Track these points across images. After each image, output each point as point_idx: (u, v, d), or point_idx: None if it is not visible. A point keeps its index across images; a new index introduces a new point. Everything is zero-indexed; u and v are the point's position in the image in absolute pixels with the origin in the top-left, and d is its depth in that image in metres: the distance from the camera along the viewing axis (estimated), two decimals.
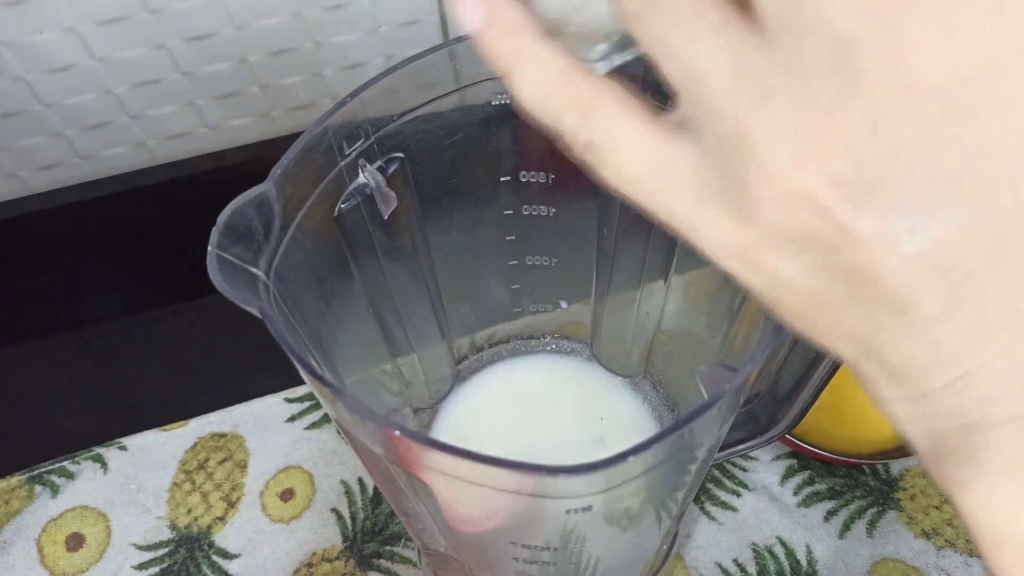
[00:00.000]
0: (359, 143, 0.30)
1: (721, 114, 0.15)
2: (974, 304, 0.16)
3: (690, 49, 0.15)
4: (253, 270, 0.25)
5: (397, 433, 0.20)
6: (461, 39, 0.31)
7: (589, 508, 0.22)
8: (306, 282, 0.30)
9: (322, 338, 0.32)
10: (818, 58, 0.14)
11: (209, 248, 0.24)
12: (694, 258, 0.37)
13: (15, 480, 0.50)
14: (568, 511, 0.22)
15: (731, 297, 0.35)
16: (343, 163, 0.30)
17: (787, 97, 0.15)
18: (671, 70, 0.16)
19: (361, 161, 0.30)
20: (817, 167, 0.15)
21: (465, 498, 0.25)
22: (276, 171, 0.26)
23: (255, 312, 0.23)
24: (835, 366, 0.34)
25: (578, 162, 0.18)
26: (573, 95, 0.17)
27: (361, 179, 0.31)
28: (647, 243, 0.38)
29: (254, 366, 0.55)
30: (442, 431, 0.45)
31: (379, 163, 0.31)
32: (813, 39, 0.14)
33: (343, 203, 0.30)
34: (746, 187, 0.16)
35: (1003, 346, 0.16)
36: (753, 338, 0.32)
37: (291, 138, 0.62)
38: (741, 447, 0.39)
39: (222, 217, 0.25)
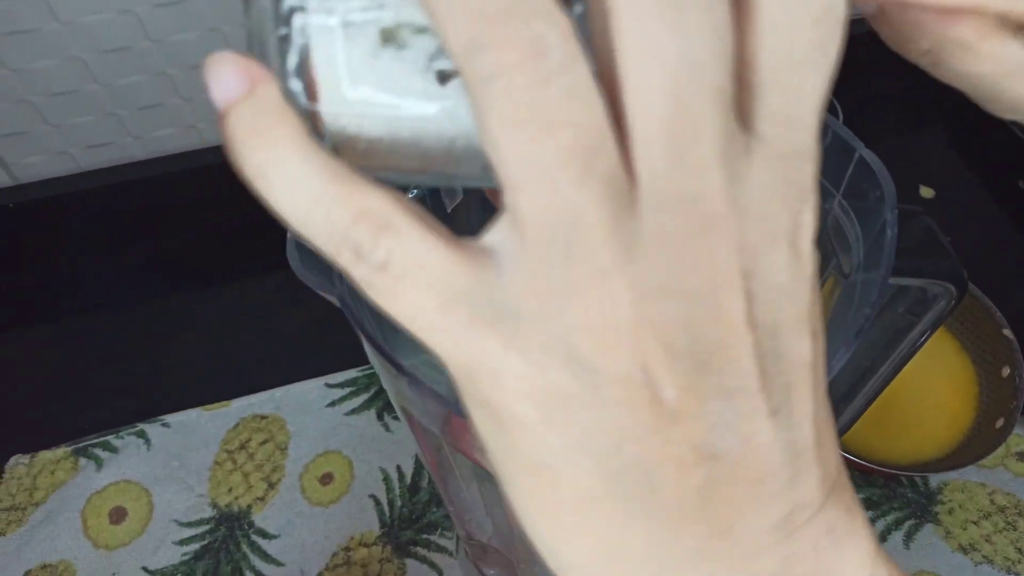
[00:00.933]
0: None
1: (582, 260, 0.14)
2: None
3: (571, 192, 0.13)
4: None
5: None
6: None
7: None
8: None
9: (383, 323, 0.33)
10: (686, 227, 0.14)
11: (288, 235, 0.24)
12: None
13: (61, 452, 0.51)
14: None
15: None
16: None
17: (656, 260, 0.14)
18: (530, 203, 0.14)
19: None
20: (668, 336, 0.14)
21: None
22: None
23: (334, 300, 0.24)
24: (888, 378, 0.34)
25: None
26: (361, 203, 0.14)
27: None
28: None
29: (297, 350, 0.55)
30: None
31: None
32: (683, 209, 0.14)
33: (411, 195, 0.31)
34: (586, 336, 0.14)
35: None
36: None
37: None
38: None
39: None
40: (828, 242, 0.30)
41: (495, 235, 0.14)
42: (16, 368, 0.56)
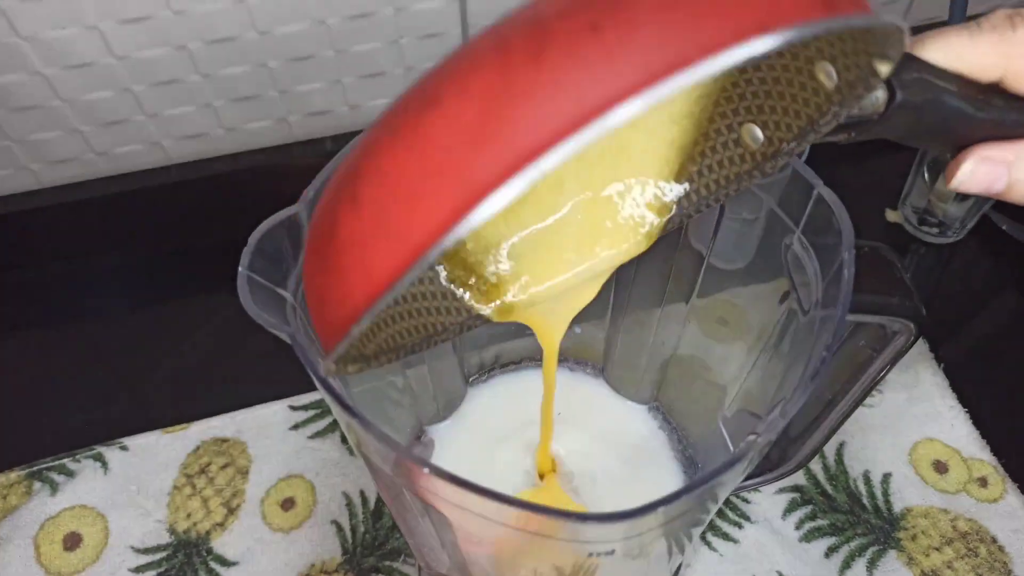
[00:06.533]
0: None
1: None
2: None
3: None
4: (281, 292, 0.25)
5: (425, 471, 0.20)
6: None
7: (612, 552, 0.22)
8: None
9: None
10: None
11: (240, 269, 0.24)
12: (717, 283, 0.37)
13: (14, 475, 0.50)
14: (591, 554, 0.22)
15: (750, 331, 0.36)
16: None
17: None
18: None
19: None
20: None
21: (484, 531, 0.25)
22: (308, 193, 0.26)
23: (285, 338, 0.23)
24: (848, 412, 0.34)
25: None
26: None
27: None
28: (670, 269, 0.38)
29: (259, 371, 0.55)
30: (449, 444, 0.45)
31: None
32: None
33: None
34: None
35: None
36: (771, 378, 0.32)
37: (307, 144, 0.62)
38: (750, 482, 0.39)
39: (253, 238, 0.24)
40: (788, 277, 0.30)
41: None
42: None
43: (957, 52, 0.23)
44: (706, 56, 0.15)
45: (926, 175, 0.58)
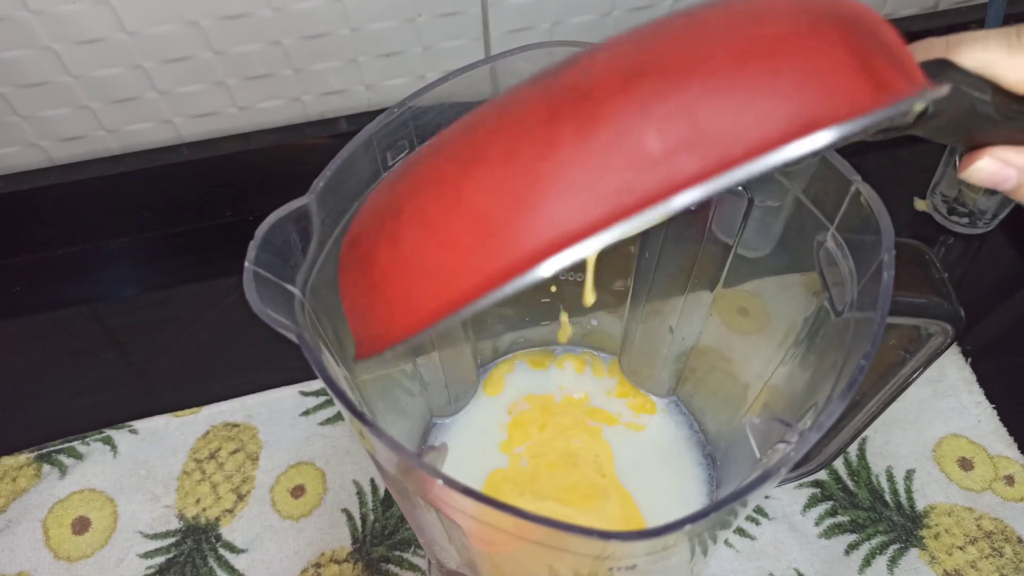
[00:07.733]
0: (403, 154, 0.28)
1: None
2: None
3: None
4: (289, 287, 0.24)
5: (439, 482, 0.19)
6: (509, 52, 0.29)
7: (634, 567, 0.21)
8: (336, 297, 0.28)
9: (342, 340, 0.31)
10: None
11: (246, 264, 0.23)
12: (743, 273, 0.36)
13: (23, 458, 0.49)
14: (611, 569, 0.21)
15: (775, 327, 0.34)
16: (385, 174, 0.28)
17: None
18: None
19: None
20: None
21: (499, 538, 0.24)
22: (318, 183, 0.25)
23: (292, 338, 0.22)
24: (876, 412, 0.33)
25: None
26: None
27: None
28: (693, 261, 0.37)
29: (270, 355, 0.54)
30: (461, 434, 0.45)
31: None
32: None
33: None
34: None
35: None
36: (799, 378, 0.31)
37: (321, 123, 0.61)
38: None
39: (260, 231, 0.23)
40: (819, 275, 0.28)
41: None
42: None
43: (994, 63, 0.23)
44: (752, 157, 0.15)
45: (958, 165, 0.56)
